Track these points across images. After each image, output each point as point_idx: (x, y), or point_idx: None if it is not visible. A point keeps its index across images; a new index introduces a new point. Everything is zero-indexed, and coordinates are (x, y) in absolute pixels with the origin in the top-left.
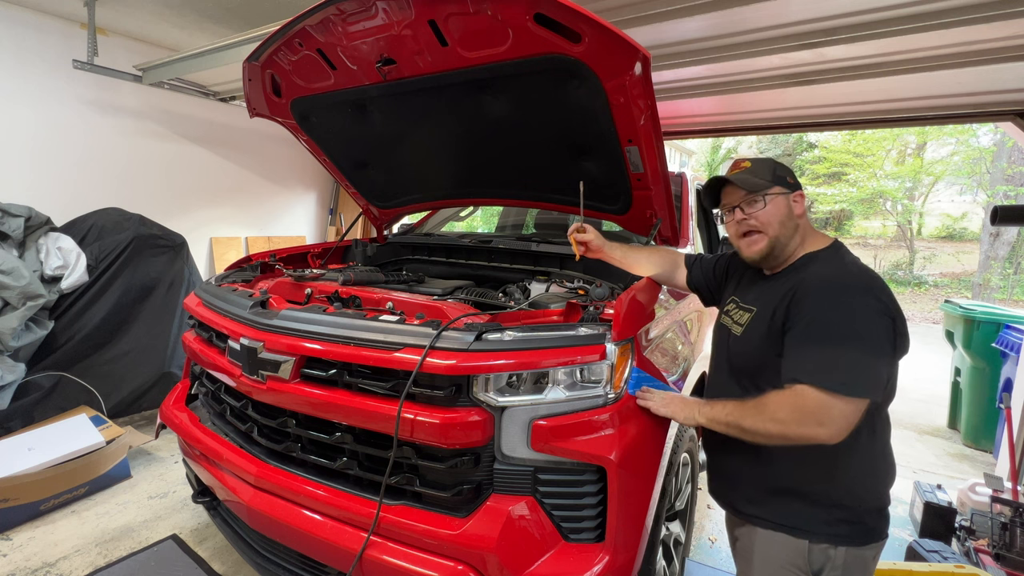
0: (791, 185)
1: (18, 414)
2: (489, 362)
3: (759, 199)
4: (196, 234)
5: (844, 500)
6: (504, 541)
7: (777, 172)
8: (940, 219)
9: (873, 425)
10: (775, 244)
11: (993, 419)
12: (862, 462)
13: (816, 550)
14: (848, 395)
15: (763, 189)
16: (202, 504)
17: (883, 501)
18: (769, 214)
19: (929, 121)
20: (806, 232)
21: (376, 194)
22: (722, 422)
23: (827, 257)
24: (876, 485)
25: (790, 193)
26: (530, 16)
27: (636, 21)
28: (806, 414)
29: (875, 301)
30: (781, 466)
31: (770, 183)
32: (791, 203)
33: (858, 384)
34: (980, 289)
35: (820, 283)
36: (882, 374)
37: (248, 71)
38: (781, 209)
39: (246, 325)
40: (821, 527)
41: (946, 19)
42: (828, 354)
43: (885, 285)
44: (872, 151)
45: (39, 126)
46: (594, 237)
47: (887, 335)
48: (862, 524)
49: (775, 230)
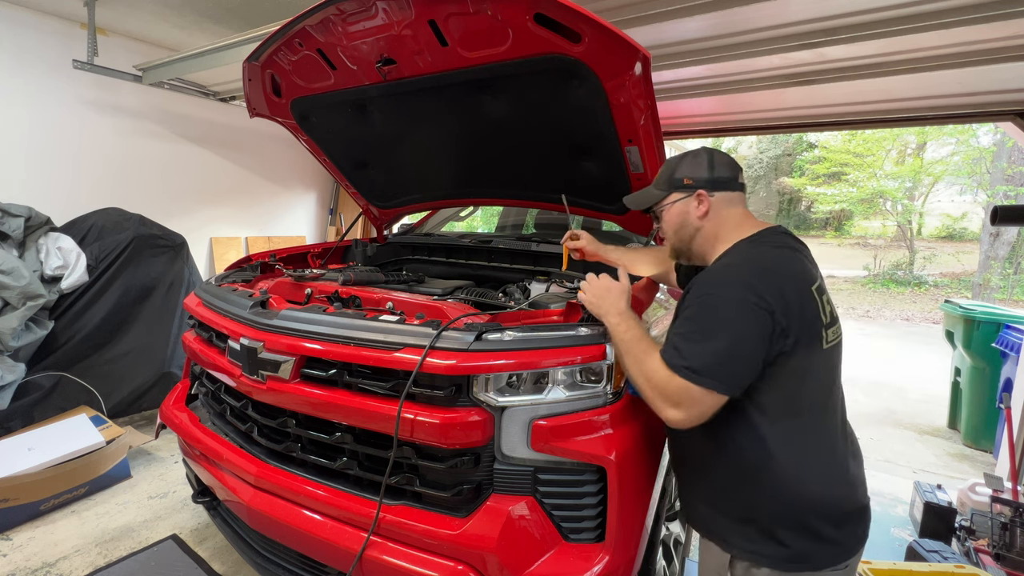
0: (689, 187)
1: (18, 414)
2: (489, 362)
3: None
4: (196, 234)
5: (754, 513)
6: (504, 541)
7: (676, 175)
8: (940, 219)
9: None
10: (676, 250)
11: (993, 419)
12: (773, 473)
13: (739, 566)
14: (696, 383)
15: (653, 202)
16: (202, 504)
17: (809, 519)
18: (666, 224)
19: (929, 121)
20: (723, 228)
21: (376, 194)
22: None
23: (733, 250)
24: (793, 500)
25: (689, 196)
26: (530, 16)
27: (636, 21)
28: (667, 393)
29: (749, 292)
30: (711, 474)
31: (664, 192)
32: (690, 207)
33: (704, 371)
34: (980, 289)
35: (702, 277)
36: (738, 367)
37: (248, 71)
38: (674, 217)
39: (246, 325)
40: (740, 542)
41: (946, 19)
42: (688, 338)
43: (774, 277)
44: (872, 151)
45: (39, 126)
46: (587, 243)
47: (756, 327)
48: (782, 545)
49: (671, 238)
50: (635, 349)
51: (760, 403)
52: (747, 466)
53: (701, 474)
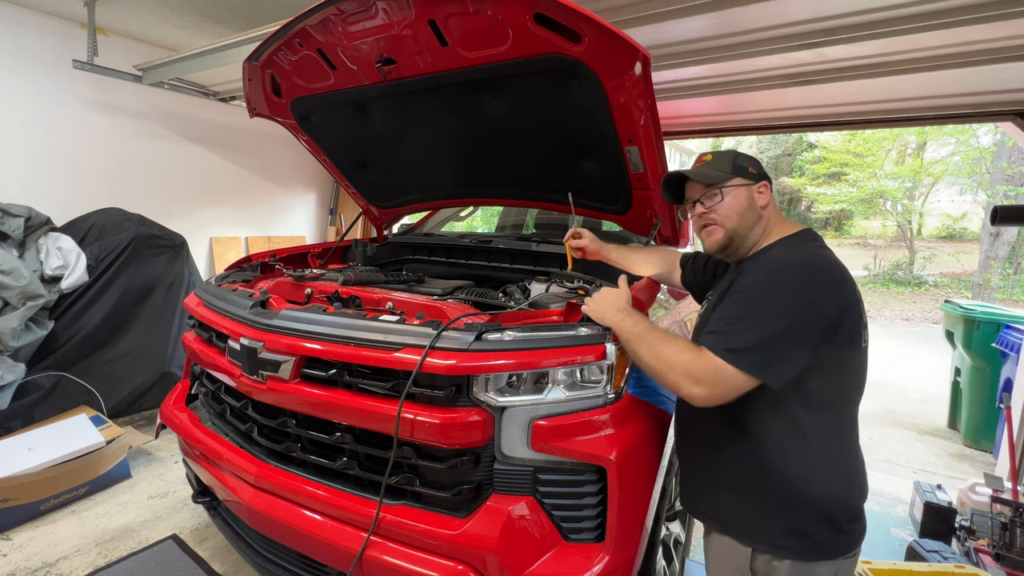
0: (753, 175)
1: (18, 414)
2: (489, 362)
3: (717, 192)
4: (196, 234)
5: (783, 506)
6: (504, 541)
7: (738, 163)
8: (940, 219)
9: (814, 427)
10: (733, 236)
11: (993, 419)
12: (803, 465)
13: (760, 560)
14: (735, 364)
15: (721, 181)
16: (202, 504)
17: (833, 513)
18: (728, 207)
19: (929, 121)
20: (772, 222)
21: (376, 194)
22: (625, 337)
23: (786, 243)
24: (821, 493)
25: (753, 184)
26: (530, 16)
27: (636, 21)
28: (687, 367)
29: (809, 289)
30: (730, 465)
31: (729, 175)
32: (754, 194)
33: (748, 357)
34: (980, 289)
35: (762, 262)
36: (787, 361)
37: (248, 71)
38: (741, 201)
39: (246, 325)
40: (763, 535)
41: (946, 19)
42: (734, 321)
43: (832, 274)
44: (872, 151)
45: (39, 126)
46: (589, 241)
47: (810, 326)
48: (807, 537)
49: (733, 222)
50: (649, 337)
51: (802, 396)
52: (780, 459)
53: (723, 467)
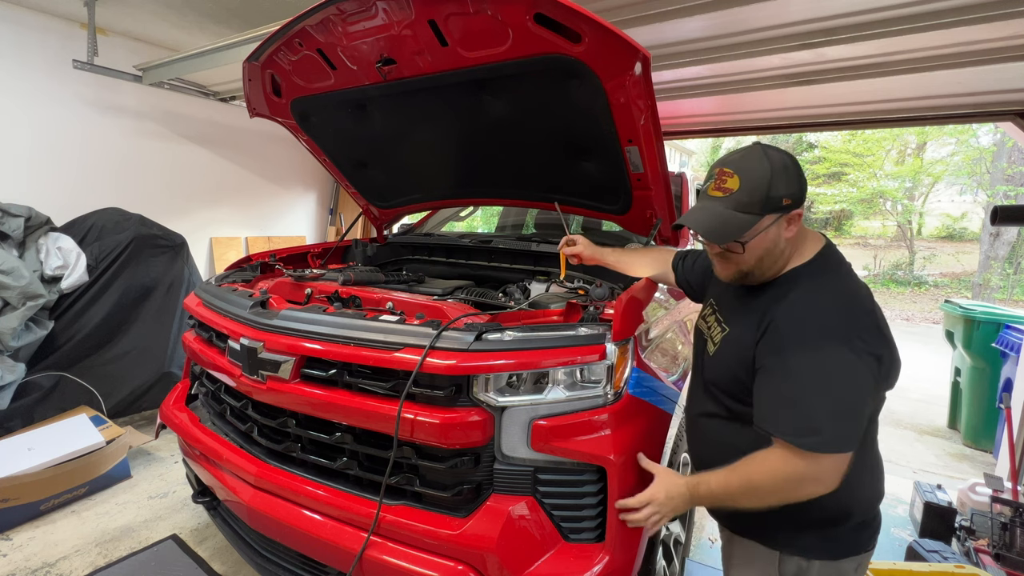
0: (787, 207)
1: (18, 414)
2: (489, 362)
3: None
4: (196, 234)
5: (819, 515)
6: (504, 541)
7: (771, 193)
8: (940, 219)
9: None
10: (750, 272)
11: (993, 419)
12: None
13: (789, 562)
14: (832, 452)
15: (745, 231)
16: (202, 504)
17: (864, 515)
18: (749, 250)
19: (929, 121)
20: (793, 246)
21: (376, 194)
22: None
23: (811, 276)
24: (853, 497)
25: (784, 215)
26: (530, 16)
27: (636, 21)
28: (801, 479)
29: (858, 343)
30: None
31: (758, 216)
32: (783, 225)
33: (840, 440)
34: (980, 289)
35: (797, 324)
36: (863, 422)
37: (248, 71)
38: (766, 243)
39: (246, 325)
40: (794, 539)
41: (946, 19)
42: (807, 411)
43: (871, 315)
44: (872, 151)
45: (39, 126)
46: (584, 248)
47: (868, 379)
48: (836, 539)
49: (752, 263)
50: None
51: None
52: None
53: None
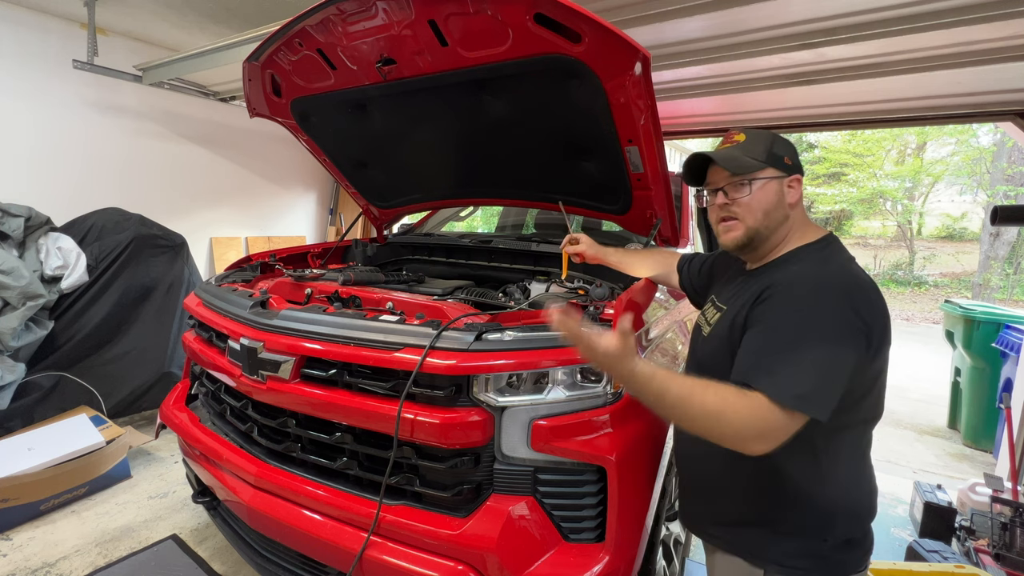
0: (788, 167)
1: (18, 414)
2: (489, 362)
3: (746, 183)
4: (196, 234)
5: (799, 527)
6: (504, 541)
7: (774, 150)
8: (940, 219)
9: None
10: (755, 235)
11: (993, 419)
12: (835, 491)
13: None
14: (800, 410)
15: (753, 170)
16: (202, 504)
17: (850, 532)
18: (754, 201)
19: (929, 121)
20: (797, 224)
21: (376, 194)
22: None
23: (811, 254)
24: (840, 514)
25: (786, 177)
26: (530, 16)
27: (636, 21)
28: (757, 427)
29: (850, 310)
30: (742, 485)
31: (762, 164)
32: (784, 189)
33: (814, 400)
34: (980, 289)
35: (793, 279)
36: (836, 390)
37: (248, 71)
38: (770, 196)
39: (246, 325)
40: (779, 557)
41: (946, 19)
42: (789, 363)
43: (869, 291)
44: (872, 151)
45: (39, 126)
46: (587, 246)
47: (850, 352)
48: (823, 557)
49: (757, 219)
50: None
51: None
52: (798, 480)
53: (733, 487)
